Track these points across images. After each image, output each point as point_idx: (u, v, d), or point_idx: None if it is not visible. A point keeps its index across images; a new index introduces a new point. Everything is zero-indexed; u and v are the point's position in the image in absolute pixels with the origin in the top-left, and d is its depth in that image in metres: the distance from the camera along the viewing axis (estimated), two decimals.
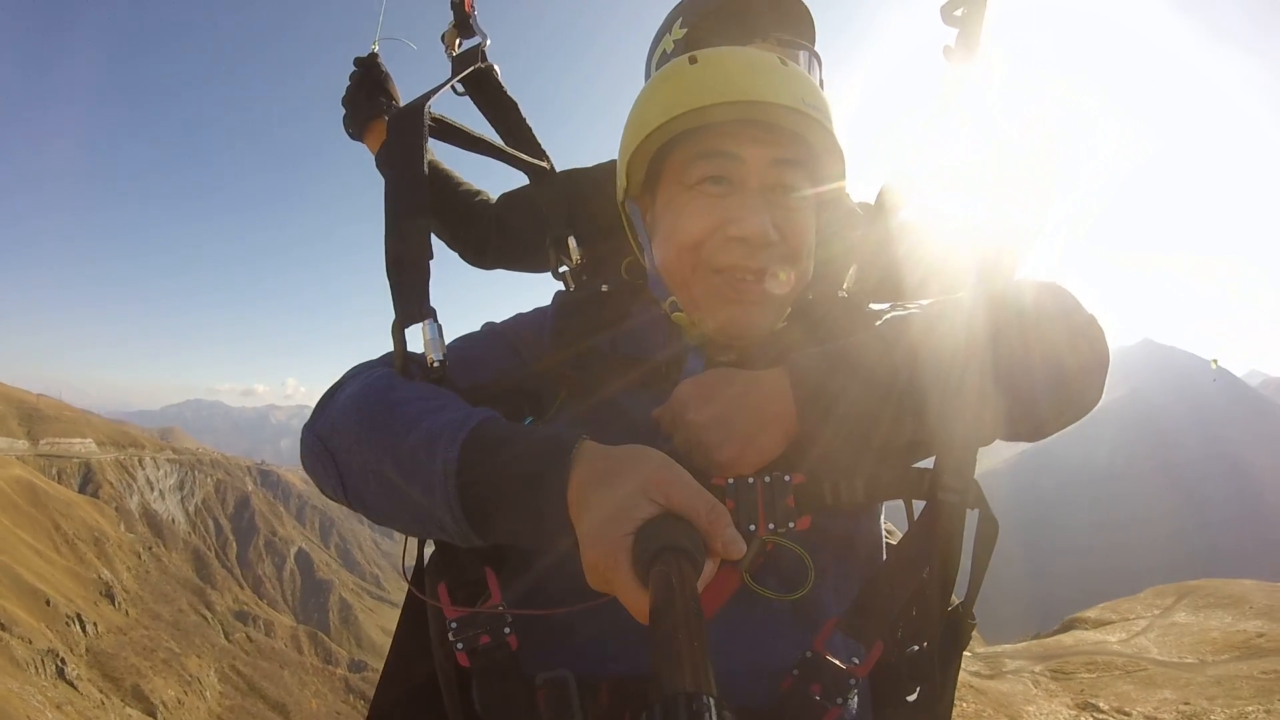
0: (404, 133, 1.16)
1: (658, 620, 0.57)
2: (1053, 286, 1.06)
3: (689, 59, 1.12)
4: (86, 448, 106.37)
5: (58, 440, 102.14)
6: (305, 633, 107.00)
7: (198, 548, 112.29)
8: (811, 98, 1.08)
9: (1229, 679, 8.31)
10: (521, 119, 1.57)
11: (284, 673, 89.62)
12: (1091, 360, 1.02)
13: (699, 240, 1.11)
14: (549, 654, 1.02)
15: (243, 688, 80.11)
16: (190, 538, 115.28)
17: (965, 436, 1.02)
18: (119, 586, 76.45)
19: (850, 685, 0.94)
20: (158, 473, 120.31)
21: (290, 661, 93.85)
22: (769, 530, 0.99)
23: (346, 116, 1.83)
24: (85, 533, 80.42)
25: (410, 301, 1.07)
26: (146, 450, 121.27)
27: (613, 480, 0.78)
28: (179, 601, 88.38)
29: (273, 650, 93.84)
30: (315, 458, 1.03)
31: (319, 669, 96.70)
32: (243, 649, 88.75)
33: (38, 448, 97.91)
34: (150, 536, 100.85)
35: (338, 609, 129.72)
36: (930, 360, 0.98)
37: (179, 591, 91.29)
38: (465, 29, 1.53)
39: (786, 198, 1.11)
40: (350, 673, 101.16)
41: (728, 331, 1.14)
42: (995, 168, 1.19)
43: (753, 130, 1.08)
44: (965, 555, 1.05)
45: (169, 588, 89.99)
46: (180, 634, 79.71)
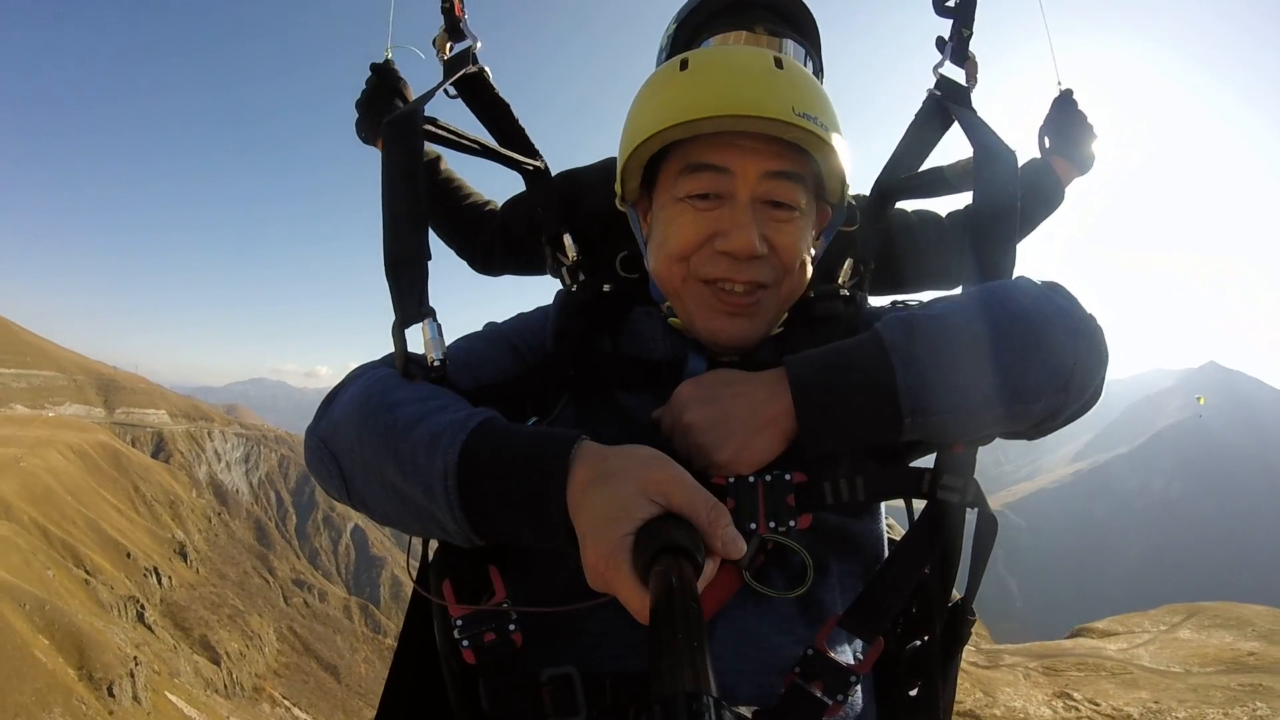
0: (399, 137, 1.17)
1: (658, 620, 0.57)
2: (1052, 285, 1.04)
3: (680, 63, 1.11)
4: (159, 419, 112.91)
5: (132, 410, 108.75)
6: (357, 604, 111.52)
7: (259, 518, 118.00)
8: (805, 104, 1.05)
9: (1205, 687, 8.58)
10: (514, 120, 1.59)
11: (337, 638, 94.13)
12: (1091, 359, 1.00)
13: (688, 252, 1.11)
14: (554, 651, 1.02)
15: (298, 647, 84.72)
16: (253, 508, 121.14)
17: (964, 436, 1.02)
18: (191, 546, 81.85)
19: (852, 682, 0.94)
20: (225, 445, 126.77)
21: (343, 628, 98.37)
22: (770, 529, 0.99)
23: (360, 121, 1.86)
24: (162, 496, 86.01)
25: (410, 302, 1.07)
26: (215, 424, 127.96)
27: (613, 480, 0.78)
28: (244, 564, 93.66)
29: (327, 616, 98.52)
30: (318, 459, 1.03)
31: (369, 638, 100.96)
32: (299, 613, 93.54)
33: (113, 416, 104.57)
34: (216, 504, 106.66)
35: (389, 585, 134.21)
36: (929, 359, 0.96)
37: (244, 555, 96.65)
38: (456, 33, 1.57)
39: (778, 210, 1.10)
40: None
41: (717, 341, 1.15)
42: (992, 161, 1.19)
43: (744, 140, 1.07)
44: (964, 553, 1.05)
45: (235, 551, 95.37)
46: (244, 594, 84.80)
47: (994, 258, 1.10)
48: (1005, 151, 1.19)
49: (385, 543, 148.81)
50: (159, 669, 49.83)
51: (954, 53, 1.50)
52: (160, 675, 49.05)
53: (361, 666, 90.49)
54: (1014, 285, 1.04)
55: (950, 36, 1.49)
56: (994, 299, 1.01)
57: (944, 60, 1.50)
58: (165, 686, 47.91)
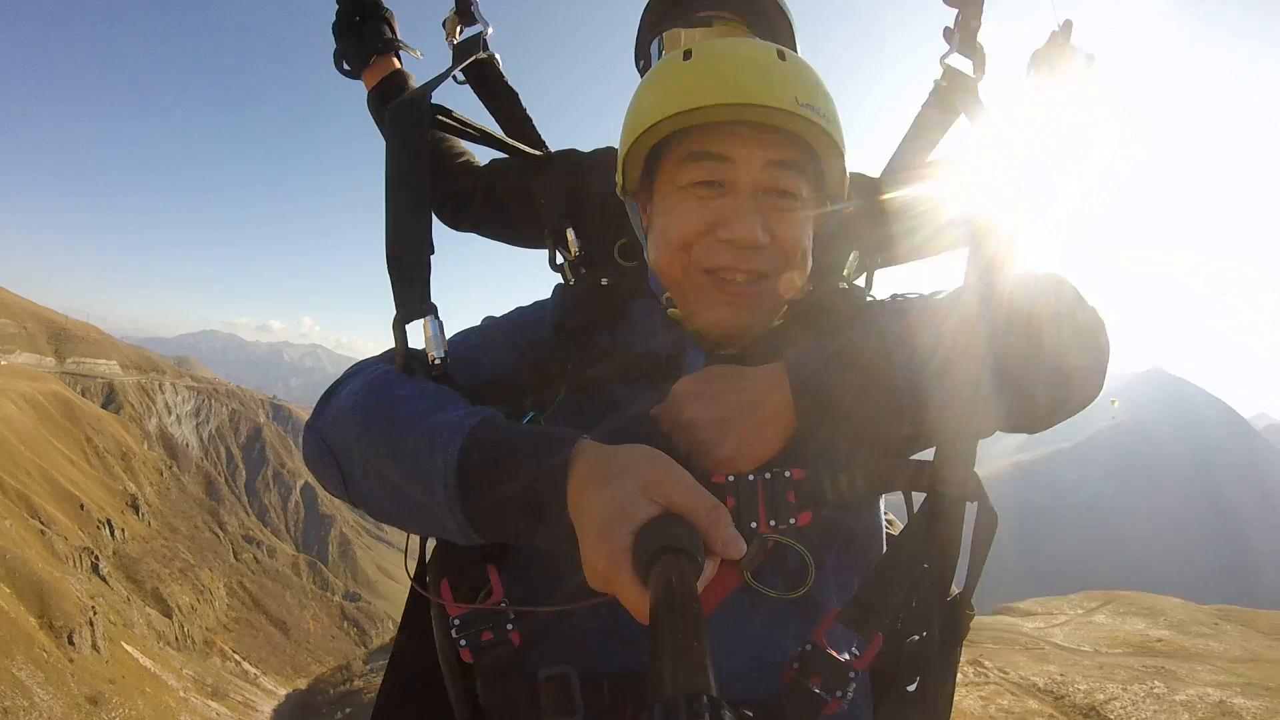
0: (406, 124, 1.14)
1: (658, 621, 0.58)
2: (1054, 279, 1.04)
3: (683, 54, 1.10)
4: (111, 369, 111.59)
5: (83, 360, 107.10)
6: (305, 561, 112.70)
7: (209, 473, 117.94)
8: (808, 96, 1.05)
9: (1110, 666, 9.05)
10: (522, 109, 1.57)
11: (286, 594, 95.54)
12: (1092, 354, 1.00)
13: (690, 241, 1.10)
14: (551, 650, 1.01)
15: (248, 602, 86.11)
16: (203, 463, 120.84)
17: (964, 429, 1.00)
18: (143, 499, 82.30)
19: (851, 678, 0.94)
20: (176, 398, 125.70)
21: (292, 585, 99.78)
22: (770, 527, 0.98)
23: (343, 48, 1.67)
24: (114, 448, 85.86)
25: (411, 298, 1.06)
26: (167, 376, 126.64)
27: (613, 480, 0.78)
28: (195, 519, 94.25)
29: (276, 572, 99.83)
30: (316, 455, 1.03)
31: (317, 594, 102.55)
32: (249, 568, 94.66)
33: (64, 366, 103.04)
34: (166, 458, 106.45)
35: (337, 543, 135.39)
36: (929, 353, 0.96)
37: (195, 509, 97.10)
38: (467, 17, 1.51)
39: (780, 200, 1.09)
40: (346, 601, 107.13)
41: (718, 331, 1.14)
42: (995, 152, 1.17)
43: (746, 130, 1.07)
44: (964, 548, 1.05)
45: (186, 505, 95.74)
46: (195, 548, 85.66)
47: (996, 250, 1.07)
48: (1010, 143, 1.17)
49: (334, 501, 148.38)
50: (114, 620, 51.22)
51: (961, 43, 1.48)
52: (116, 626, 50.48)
53: (310, 623, 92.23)
54: (1015, 278, 1.03)
55: (957, 26, 1.48)
56: (994, 291, 0.99)
57: (951, 51, 1.49)
58: (121, 637, 49.47)
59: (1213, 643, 10.95)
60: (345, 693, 50.96)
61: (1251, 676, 8.72)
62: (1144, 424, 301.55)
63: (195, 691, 53.08)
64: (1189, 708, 7.55)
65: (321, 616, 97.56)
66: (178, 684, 51.40)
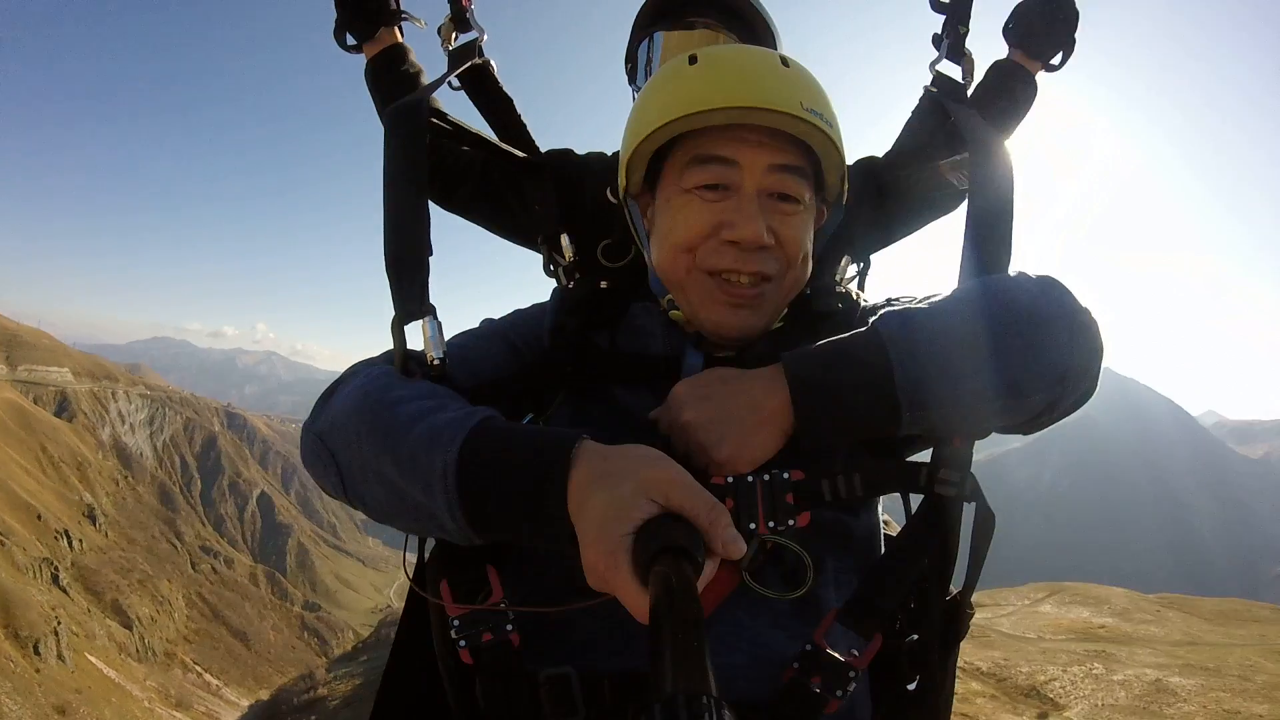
0: (404, 127, 1.15)
1: (657, 620, 0.58)
2: (1048, 280, 1.04)
3: (689, 58, 1.11)
4: (63, 377, 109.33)
5: (35, 368, 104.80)
6: (263, 571, 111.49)
7: (164, 482, 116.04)
8: (812, 101, 1.07)
9: (1053, 651, 9.05)
10: (516, 115, 1.56)
11: (245, 605, 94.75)
12: (1088, 354, 1.00)
13: (694, 243, 1.11)
14: (551, 650, 1.01)
15: (208, 614, 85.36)
16: (157, 472, 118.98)
17: (962, 430, 1.02)
18: (99, 509, 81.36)
19: (851, 677, 0.94)
20: (129, 406, 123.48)
21: (251, 595, 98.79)
22: (769, 528, 0.98)
23: (345, 19, 1.63)
24: (69, 457, 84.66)
25: (410, 299, 1.06)
26: (120, 384, 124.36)
27: (612, 480, 0.78)
28: (152, 529, 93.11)
29: (235, 583, 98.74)
30: (315, 456, 1.02)
31: (277, 605, 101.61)
32: (207, 579, 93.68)
33: (15, 373, 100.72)
34: (121, 468, 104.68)
35: (295, 553, 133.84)
36: (927, 353, 0.96)
37: (151, 520, 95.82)
38: (462, 23, 1.50)
39: (782, 203, 1.11)
40: (306, 612, 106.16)
41: (720, 332, 1.15)
42: (988, 159, 1.18)
43: (751, 134, 1.08)
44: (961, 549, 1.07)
45: (143, 515, 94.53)
46: (153, 558, 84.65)
47: (991, 253, 1.09)
48: (1001, 148, 1.20)
49: (291, 510, 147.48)
50: (77, 631, 50.93)
51: (950, 49, 1.50)
52: (79, 637, 50.21)
53: (270, 634, 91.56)
54: (1011, 280, 1.04)
55: (946, 33, 1.49)
56: (991, 293, 1.01)
57: (940, 57, 1.51)
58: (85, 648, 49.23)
59: (1154, 628, 11.10)
60: (310, 700, 51.23)
61: (1190, 659, 8.84)
62: (1095, 423, 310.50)
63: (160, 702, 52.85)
64: (1125, 686, 7.74)
65: (281, 627, 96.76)
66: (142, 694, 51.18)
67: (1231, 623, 11.89)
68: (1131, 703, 7.29)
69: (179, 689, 60.00)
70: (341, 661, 63.41)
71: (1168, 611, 12.30)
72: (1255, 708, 6.97)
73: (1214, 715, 6.90)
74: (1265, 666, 8.41)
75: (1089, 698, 7.54)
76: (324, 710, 44.90)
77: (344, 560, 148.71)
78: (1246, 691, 7.42)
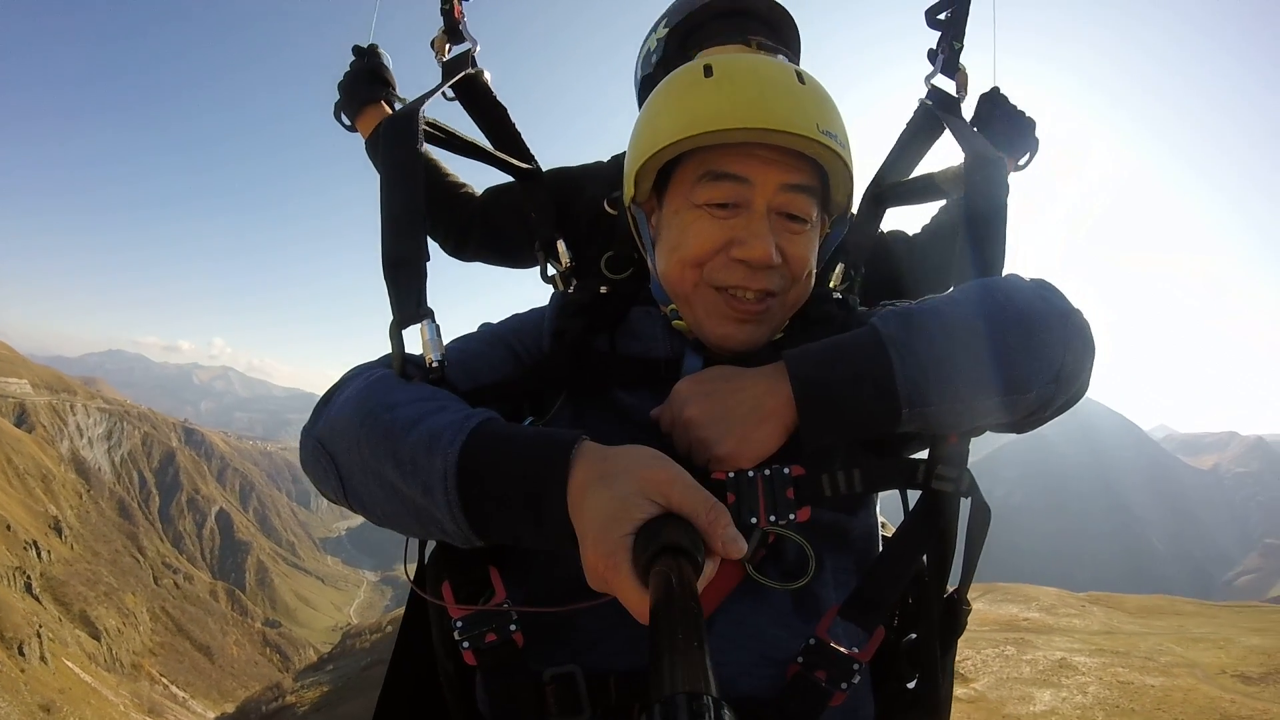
0: (398, 137, 1.15)
1: (658, 620, 0.58)
2: (1042, 282, 1.07)
3: (704, 70, 1.10)
4: (21, 388, 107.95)
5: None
6: (223, 588, 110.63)
7: (122, 498, 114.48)
8: (827, 122, 1.07)
9: (974, 640, 9.30)
10: (510, 124, 1.58)
11: (208, 620, 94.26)
12: (1079, 351, 1.02)
13: (703, 259, 1.11)
14: (555, 650, 1.02)
15: (171, 628, 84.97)
16: (115, 487, 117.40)
17: (959, 428, 1.03)
18: (65, 522, 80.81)
19: (855, 670, 0.96)
20: (88, 420, 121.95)
21: (213, 611, 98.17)
22: (770, 523, 1.00)
23: (342, 102, 1.78)
24: (34, 469, 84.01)
25: (408, 303, 1.06)
26: (78, 397, 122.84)
27: (612, 480, 0.78)
28: (115, 543, 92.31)
29: (196, 598, 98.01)
30: (314, 460, 1.02)
31: (238, 621, 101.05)
32: (170, 594, 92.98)
33: None
34: (80, 481, 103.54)
35: (254, 570, 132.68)
36: (925, 351, 0.97)
37: (115, 534, 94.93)
38: (455, 35, 1.52)
39: (791, 222, 1.11)
40: (267, 628, 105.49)
41: (725, 345, 1.15)
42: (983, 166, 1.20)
43: (765, 152, 1.08)
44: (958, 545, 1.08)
45: (106, 529, 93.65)
46: (118, 571, 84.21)
47: (986, 256, 1.11)
48: (995, 157, 1.22)
49: (250, 527, 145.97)
50: (52, 638, 51.56)
51: (944, 64, 1.52)
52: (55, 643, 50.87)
53: (233, 648, 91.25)
54: (1007, 281, 1.05)
55: (941, 49, 1.52)
56: (987, 293, 1.02)
57: (935, 71, 1.53)
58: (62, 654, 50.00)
59: (1077, 621, 11.42)
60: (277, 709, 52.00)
61: (1102, 644, 9.16)
62: (1048, 439, 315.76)
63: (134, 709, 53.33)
64: (1032, 664, 8.15)
65: (244, 642, 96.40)
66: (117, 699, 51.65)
67: (1153, 616, 12.55)
68: (1035, 676, 7.82)
69: (149, 699, 60.35)
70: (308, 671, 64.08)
71: (1093, 607, 12.77)
72: (1150, 680, 7.46)
73: (1108, 685, 7.39)
74: (1173, 650, 8.89)
75: (996, 673, 8.06)
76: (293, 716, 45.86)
77: (303, 578, 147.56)
78: (1146, 668, 7.92)
